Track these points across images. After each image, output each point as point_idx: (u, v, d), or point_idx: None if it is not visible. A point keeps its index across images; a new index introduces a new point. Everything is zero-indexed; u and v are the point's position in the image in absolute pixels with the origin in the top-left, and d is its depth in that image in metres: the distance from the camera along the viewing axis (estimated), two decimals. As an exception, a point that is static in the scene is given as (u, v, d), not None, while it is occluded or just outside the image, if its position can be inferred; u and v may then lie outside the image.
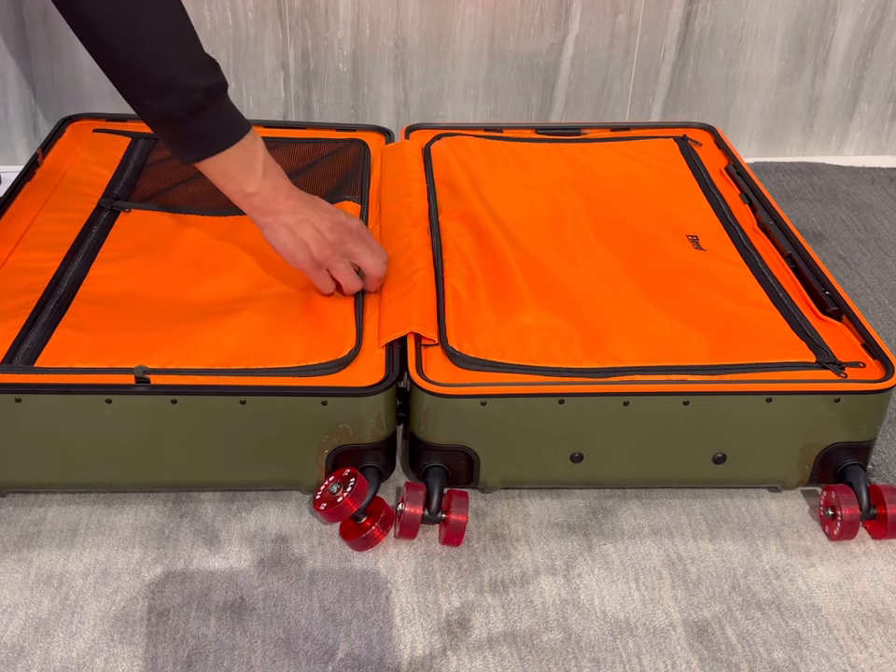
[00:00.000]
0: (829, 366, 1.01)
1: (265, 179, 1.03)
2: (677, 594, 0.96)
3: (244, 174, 1.02)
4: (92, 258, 1.17)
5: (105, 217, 1.25)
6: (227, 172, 1.01)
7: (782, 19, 1.69)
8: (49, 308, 1.07)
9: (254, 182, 1.02)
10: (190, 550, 1.00)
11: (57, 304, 1.08)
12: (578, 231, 1.25)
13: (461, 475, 1.03)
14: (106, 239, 1.21)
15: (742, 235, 1.25)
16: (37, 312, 1.06)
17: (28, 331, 1.03)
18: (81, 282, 1.12)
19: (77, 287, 1.11)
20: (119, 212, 1.26)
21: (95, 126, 1.45)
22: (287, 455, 1.00)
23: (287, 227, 1.04)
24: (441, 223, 1.25)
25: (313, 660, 0.89)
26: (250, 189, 1.02)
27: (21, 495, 1.05)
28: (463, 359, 1.01)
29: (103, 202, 1.27)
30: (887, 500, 1.00)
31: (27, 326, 1.04)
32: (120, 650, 0.89)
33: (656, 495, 1.08)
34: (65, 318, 1.06)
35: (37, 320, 1.05)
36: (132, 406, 0.96)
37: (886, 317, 1.37)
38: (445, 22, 1.63)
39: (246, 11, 1.59)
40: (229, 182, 1.02)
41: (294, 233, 1.04)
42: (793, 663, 0.90)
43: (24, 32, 1.58)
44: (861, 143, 1.85)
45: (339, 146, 1.44)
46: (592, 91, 1.73)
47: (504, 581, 0.97)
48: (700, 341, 1.05)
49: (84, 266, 1.15)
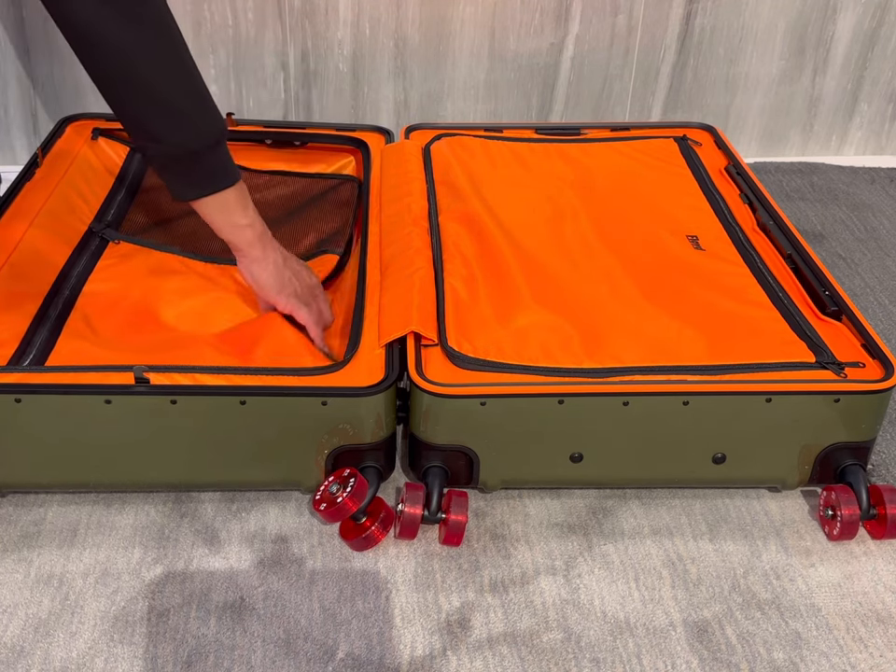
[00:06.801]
0: (829, 366, 1.01)
1: (257, 215, 1.07)
2: (677, 594, 0.96)
3: (241, 208, 1.05)
4: (82, 284, 1.20)
5: (95, 245, 1.27)
6: (227, 205, 1.04)
7: (782, 19, 1.69)
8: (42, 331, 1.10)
9: (248, 215, 1.06)
10: (190, 550, 1.00)
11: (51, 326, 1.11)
12: (578, 231, 1.25)
13: (461, 475, 1.03)
14: (94, 269, 1.23)
15: (742, 235, 1.25)
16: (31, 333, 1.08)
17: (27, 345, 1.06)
18: (72, 306, 1.15)
19: (69, 310, 1.14)
20: (108, 241, 1.29)
21: (95, 126, 1.45)
22: (287, 456, 1.00)
23: (276, 263, 1.09)
24: (440, 223, 1.25)
25: (313, 660, 0.89)
26: (245, 222, 1.06)
27: (21, 495, 1.05)
28: (463, 359, 1.01)
29: (94, 226, 1.29)
30: (886, 500, 1.00)
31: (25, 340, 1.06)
32: (120, 650, 0.89)
33: (656, 495, 1.08)
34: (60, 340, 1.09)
35: (33, 340, 1.07)
36: (132, 406, 0.96)
37: (886, 317, 1.37)
38: (445, 22, 1.63)
39: (246, 11, 1.59)
40: (226, 216, 1.05)
41: (282, 270, 1.10)
42: (793, 663, 0.90)
43: (24, 32, 1.58)
44: (861, 143, 1.85)
45: (334, 184, 1.44)
46: (592, 91, 1.73)
47: (504, 581, 0.97)
48: (700, 341, 1.05)
49: (75, 291, 1.18)
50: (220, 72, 1.64)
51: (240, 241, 1.07)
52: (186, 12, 1.57)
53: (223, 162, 1.02)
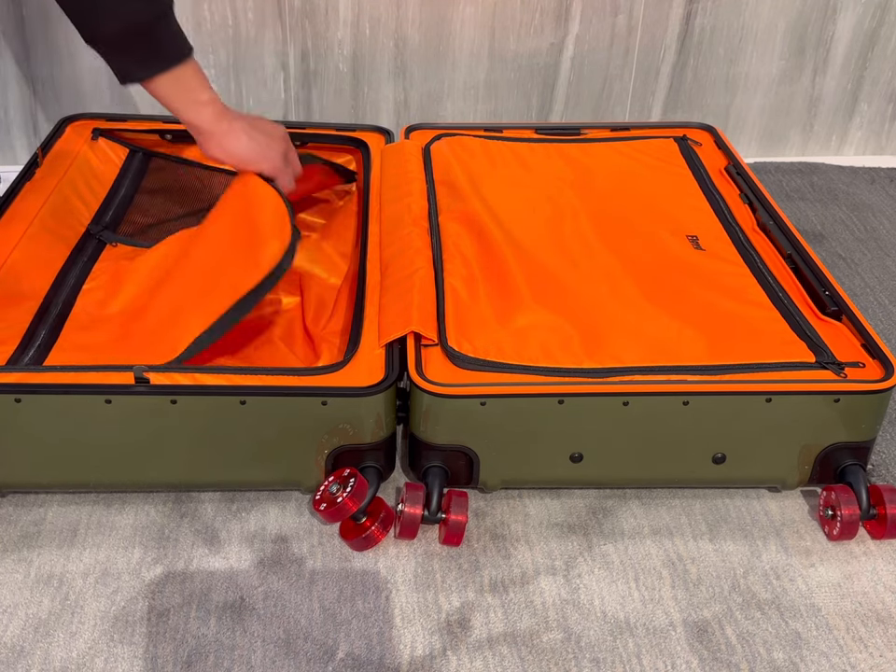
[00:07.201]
0: (828, 366, 1.01)
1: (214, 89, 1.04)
2: (677, 594, 0.96)
3: (199, 82, 1.02)
4: (80, 286, 1.20)
5: (92, 247, 1.27)
6: (186, 82, 1.01)
7: (782, 19, 1.69)
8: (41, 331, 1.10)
9: (208, 89, 1.03)
10: (190, 550, 1.00)
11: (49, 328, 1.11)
12: (577, 231, 1.25)
13: (461, 475, 1.03)
14: (92, 270, 1.24)
15: (742, 235, 1.25)
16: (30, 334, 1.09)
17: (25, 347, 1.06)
18: (71, 308, 1.16)
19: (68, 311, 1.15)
20: (106, 243, 1.29)
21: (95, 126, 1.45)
22: (287, 455, 1.00)
23: (245, 131, 1.06)
24: (440, 223, 1.25)
25: (313, 660, 0.89)
26: (206, 97, 1.02)
27: (21, 495, 1.05)
28: (463, 359, 1.01)
29: (92, 228, 1.29)
30: (886, 500, 1.00)
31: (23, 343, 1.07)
32: (120, 650, 0.89)
33: (656, 495, 1.08)
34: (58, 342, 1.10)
35: (31, 342, 1.08)
36: (132, 406, 0.96)
37: (886, 317, 1.37)
38: (445, 22, 1.63)
39: (246, 11, 1.59)
40: (185, 93, 1.01)
41: (254, 135, 1.06)
42: (793, 663, 0.90)
43: (24, 32, 1.58)
44: (861, 143, 1.85)
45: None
46: (592, 91, 1.73)
47: (504, 581, 0.97)
48: (700, 341, 1.05)
49: (73, 293, 1.19)
50: (220, 71, 1.64)
51: (204, 119, 1.03)
52: (186, 12, 1.57)
53: (175, 35, 1.00)
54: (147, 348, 1.03)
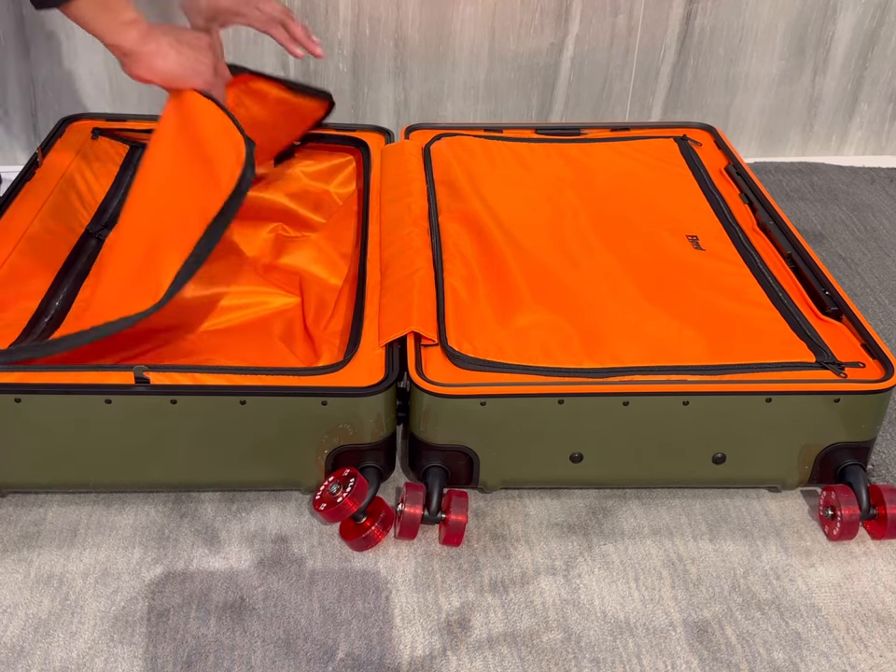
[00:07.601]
0: (828, 366, 1.01)
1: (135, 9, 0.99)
2: (677, 594, 0.96)
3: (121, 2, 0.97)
4: (79, 284, 1.21)
5: (92, 246, 1.27)
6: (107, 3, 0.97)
7: (782, 19, 1.69)
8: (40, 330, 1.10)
9: (131, 10, 0.98)
10: (190, 550, 1.00)
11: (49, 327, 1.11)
12: (577, 231, 1.25)
13: (461, 475, 1.03)
14: (91, 270, 1.24)
15: (742, 235, 1.25)
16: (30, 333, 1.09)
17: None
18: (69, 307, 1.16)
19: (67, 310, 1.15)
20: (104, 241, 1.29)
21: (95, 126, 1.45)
22: (287, 455, 1.00)
23: (173, 47, 1.02)
24: (440, 223, 1.25)
25: (313, 660, 0.89)
26: (130, 16, 0.98)
27: (21, 495, 1.05)
28: (463, 359, 1.01)
29: (91, 227, 1.29)
30: (886, 500, 1.00)
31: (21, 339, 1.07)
32: (120, 650, 0.89)
33: (656, 495, 1.08)
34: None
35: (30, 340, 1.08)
36: (132, 406, 0.96)
37: (886, 317, 1.37)
38: (445, 22, 1.63)
39: (246, 11, 1.59)
40: (107, 14, 0.97)
41: (183, 51, 1.03)
42: (793, 663, 0.90)
43: (24, 32, 1.58)
44: (861, 143, 1.85)
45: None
46: (592, 91, 1.73)
47: (504, 581, 0.97)
48: (700, 341, 1.05)
49: (72, 291, 1.19)
50: (220, 72, 1.64)
51: (130, 40, 0.99)
52: (186, 12, 1.57)
53: None
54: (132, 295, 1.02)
